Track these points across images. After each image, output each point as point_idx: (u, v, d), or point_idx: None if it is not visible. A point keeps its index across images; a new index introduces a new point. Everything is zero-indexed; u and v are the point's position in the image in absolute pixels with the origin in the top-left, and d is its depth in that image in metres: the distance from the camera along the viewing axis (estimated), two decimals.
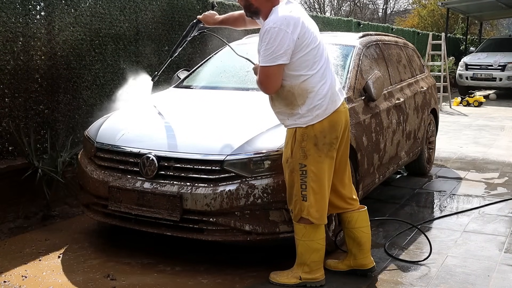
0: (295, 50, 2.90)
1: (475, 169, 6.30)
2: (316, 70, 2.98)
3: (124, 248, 3.73)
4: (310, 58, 2.96)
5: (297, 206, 3.08)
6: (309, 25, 2.99)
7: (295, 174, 3.04)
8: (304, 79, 2.96)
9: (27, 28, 4.70)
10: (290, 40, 2.87)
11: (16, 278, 3.29)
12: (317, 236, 3.12)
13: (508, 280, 3.30)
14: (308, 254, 3.13)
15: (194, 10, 6.97)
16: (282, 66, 2.91)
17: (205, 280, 3.26)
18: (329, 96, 3.01)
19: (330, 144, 3.03)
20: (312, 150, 3.00)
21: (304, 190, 3.03)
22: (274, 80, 2.94)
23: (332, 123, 3.03)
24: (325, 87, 3.00)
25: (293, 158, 3.04)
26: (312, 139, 3.00)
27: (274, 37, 2.86)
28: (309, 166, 3.01)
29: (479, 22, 22.24)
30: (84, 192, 3.82)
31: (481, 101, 12.87)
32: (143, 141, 3.57)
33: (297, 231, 3.14)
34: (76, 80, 5.27)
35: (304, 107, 2.99)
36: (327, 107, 3.01)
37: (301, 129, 3.01)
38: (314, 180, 3.02)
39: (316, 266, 3.16)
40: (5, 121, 4.58)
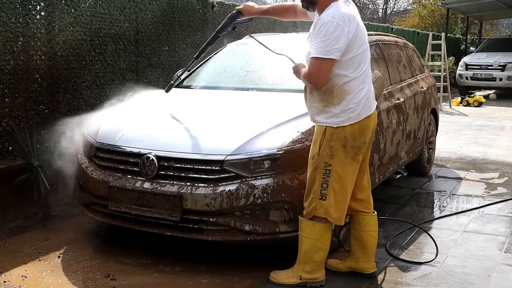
0: (347, 50, 2.91)
1: (475, 169, 6.30)
2: (359, 74, 2.99)
3: (124, 248, 3.73)
4: (356, 61, 2.97)
5: (313, 204, 3.06)
6: (361, 29, 3.00)
7: (318, 172, 3.04)
8: (347, 81, 2.96)
9: (27, 28, 4.70)
10: (345, 38, 2.87)
11: (16, 278, 3.29)
12: (324, 236, 3.11)
13: (508, 280, 3.30)
14: (312, 253, 3.11)
15: (194, 10, 6.98)
16: (333, 62, 2.90)
17: (205, 280, 3.26)
18: (364, 101, 3.02)
19: (359, 148, 3.04)
20: (340, 151, 3.00)
21: (325, 189, 3.03)
22: (325, 74, 2.92)
23: (363, 127, 3.04)
24: (362, 92, 3.01)
25: (319, 155, 3.04)
26: (342, 140, 2.99)
27: (331, 31, 2.85)
28: (334, 166, 3.01)
29: (479, 22, 22.25)
30: (84, 192, 3.82)
31: (481, 101, 12.87)
32: (143, 141, 3.57)
33: (304, 228, 3.11)
34: (76, 80, 5.27)
35: (339, 107, 2.98)
36: (361, 111, 3.01)
37: (331, 128, 3.00)
38: (337, 181, 3.02)
39: (317, 266, 3.15)
40: (5, 121, 4.58)
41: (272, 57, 4.70)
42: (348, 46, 2.90)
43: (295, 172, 3.28)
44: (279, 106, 3.90)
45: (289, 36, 5.38)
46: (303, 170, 3.30)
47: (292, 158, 3.29)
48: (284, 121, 3.55)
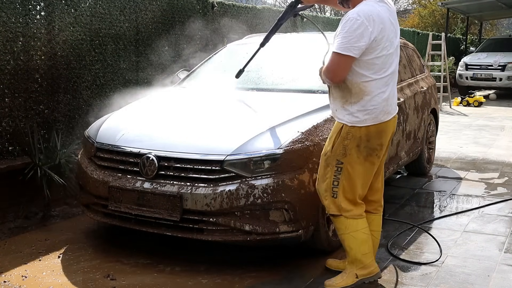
0: (369, 50, 2.86)
1: (475, 169, 6.30)
2: (380, 77, 2.94)
3: (124, 248, 3.73)
4: (379, 63, 2.92)
5: (326, 202, 3.09)
6: (389, 32, 2.94)
7: (330, 169, 3.04)
8: (366, 81, 2.92)
9: (27, 28, 4.70)
10: (367, 37, 2.82)
11: (16, 278, 3.29)
12: (361, 225, 3.08)
13: (508, 280, 3.29)
14: (357, 247, 3.08)
15: (194, 10, 6.98)
16: (351, 59, 2.85)
17: (204, 280, 3.26)
18: (383, 106, 2.97)
19: (373, 149, 3.00)
20: (353, 150, 2.98)
21: (336, 187, 3.03)
22: (342, 70, 2.88)
23: (380, 129, 2.99)
24: (382, 96, 2.96)
25: (332, 153, 3.03)
26: (356, 140, 2.97)
27: (354, 28, 2.81)
28: (345, 165, 3.00)
29: (479, 22, 22.24)
30: (84, 192, 3.82)
31: (481, 101, 12.87)
32: (143, 141, 3.57)
33: (339, 226, 3.10)
34: (76, 80, 5.27)
35: (355, 107, 2.95)
36: (378, 115, 2.96)
37: (347, 127, 2.98)
38: (347, 179, 3.01)
39: (368, 259, 3.12)
40: (5, 121, 4.58)
41: (272, 57, 4.73)
42: (370, 46, 2.85)
43: (295, 172, 3.28)
44: (279, 106, 3.90)
45: (290, 36, 5.39)
46: (303, 170, 3.30)
47: (292, 158, 3.29)
48: (284, 121, 3.55)
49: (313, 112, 3.73)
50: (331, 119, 3.72)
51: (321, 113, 3.73)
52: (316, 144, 3.41)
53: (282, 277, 3.32)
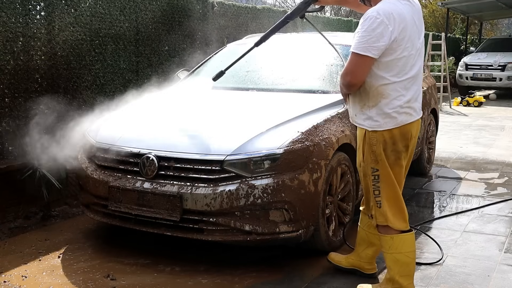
0: (388, 51, 2.71)
1: (475, 169, 6.30)
2: (400, 79, 2.78)
3: (124, 248, 3.73)
4: (399, 64, 2.75)
5: (373, 213, 2.95)
6: (411, 32, 2.77)
7: (368, 179, 2.91)
8: (384, 83, 2.77)
9: (27, 28, 4.70)
10: (387, 37, 2.66)
11: (16, 278, 3.29)
12: (405, 248, 2.90)
13: (508, 280, 3.30)
14: (396, 268, 2.92)
15: (194, 10, 6.97)
16: (370, 60, 2.70)
17: (204, 280, 3.26)
18: (405, 109, 2.81)
19: (400, 152, 2.86)
20: (382, 155, 2.84)
21: (378, 196, 2.89)
22: (361, 71, 2.73)
23: (404, 131, 2.85)
24: (402, 99, 2.80)
25: (364, 162, 2.90)
26: (382, 144, 2.83)
27: (374, 27, 2.65)
28: (381, 171, 2.85)
29: (479, 22, 22.24)
30: (84, 192, 3.82)
31: (481, 101, 12.86)
32: (143, 141, 3.57)
33: (384, 244, 2.95)
34: (76, 80, 5.27)
35: (374, 111, 2.81)
36: (398, 118, 2.81)
37: (369, 132, 2.85)
38: (387, 185, 2.87)
39: (406, 281, 2.93)
40: (5, 121, 4.58)
41: (272, 57, 4.73)
42: (390, 46, 2.69)
43: (295, 172, 3.28)
44: (279, 106, 3.90)
45: (290, 36, 5.38)
46: (303, 170, 3.30)
47: (292, 158, 3.29)
48: (284, 121, 3.55)
49: (313, 112, 3.73)
50: (331, 119, 3.72)
51: (321, 113, 3.73)
52: (316, 144, 3.41)
53: (282, 277, 3.32)
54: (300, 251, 3.62)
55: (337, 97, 4.02)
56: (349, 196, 3.87)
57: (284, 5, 24.16)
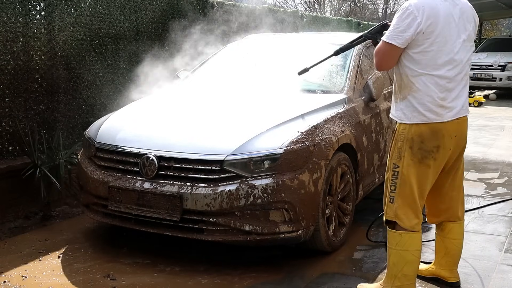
0: (415, 42, 2.74)
1: (475, 169, 6.29)
2: (429, 73, 2.76)
3: (124, 248, 3.73)
4: (427, 58, 2.75)
5: (385, 208, 2.96)
6: (446, 29, 2.76)
7: (389, 174, 2.93)
8: (413, 75, 2.78)
9: (27, 28, 4.70)
10: (414, 28, 2.70)
11: (16, 278, 3.29)
12: (413, 246, 2.90)
13: (508, 280, 3.29)
14: (400, 265, 2.90)
15: (194, 10, 6.98)
16: (395, 49, 2.75)
17: (204, 280, 3.26)
18: (433, 107, 2.78)
19: (428, 151, 2.81)
20: (407, 153, 2.82)
21: (393, 192, 2.89)
22: (386, 59, 2.81)
23: (434, 130, 2.80)
24: (432, 95, 2.77)
25: (390, 157, 2.93)
26: (409, 141, 2.82)
27: (403, 18, 2.73)
28: (401, 168, 2.85)
29: (479, 22, 22.22)
30: (84, 192, 3.82)
31: (481, 101, 12.87)
32: (143, 141, 3.57)
33: (391, 239, 2.94)
34: (76, 80, 5.27)
35: (403, 103, 2.84)
36: (426, 114, 2.79)
37: (400, 128, 2.87)
38: (404, 183, 2.85)
39: (408, 280, 2.92)
40: (5, 121, 4.58)
41: (272, 57, 4.73)
42: (416, 38, 2.72)
43: (295, 172, 3.28)
44: (279, 106, 3.90)
45: (290, 36, 5.39)
46: (303, 170, 3.30)
47: (292, 158, 3.29)
48: (284, 121, 3.55)
49: (313, 112, 3.73)
50: (331, 119, 3.72)
51: (321, 113, 3.73)
52: (316, 144, 3.41)
53: (282, 277, 3.32)
54: (300, 251, 3.62)
55: (337, 97, 4.03)
56: (349, 196, 3.87)
57: (284, 5, 24.16)
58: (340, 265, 3.49)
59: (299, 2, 27.18)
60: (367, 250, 3.72)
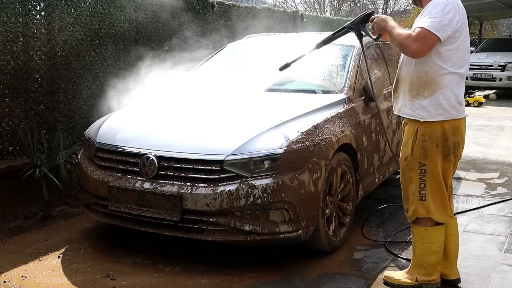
0: (450, 40, 2.81)
1: (475, 169, 6.29)
2: (456, 71, 2.88)
3: (124, 248, 3.73)
4: (456, 56, 2.87)
5: (413, 206, 3.05)
6: (467, 26, 2.93)
7: (414, 173, 3.01)
8: (443, 73, 2.86)
9: (27, 28, 4.70)
10: (454, 24, 2.79)
11: (16, 278, 3.29)
12: (437, 239, 3.06)
13: (508, 280, 3.29)
14: (426, 257, 3.08)
15: (194, 10, 6.98)
16: (437, 40, 2.77)
17: (204, 280, 3.26)
18: (456, 104, 2.91)
19: (450, 148, 2.96)
20: (433, 151, 2.94)
21: (423, 190, 3.00)
22: (427, 47, 2.79)
23: (455, 127, 2.95)
24: (456, 92, 2.90)
25: (413, 156, 2.99)
26: (434, 140, 2.93)
27: (446, 12, 2.77)
28: (428, 166, 2.96)
29: (479, 22, 22.23)
30: (84, 192, 3.82)
31: (481, 101, 12.86)
32: (143, 141, 3.57)
33: (416, 233, 3.09)
34: (76, 80, 5.27)
35: (428, 100, 2.90)
36: (450, 111, 2.90)
37: (422, 128, 2.93)
38: (434, 180, 2.98)
39: (432, 268, 3.11)
40: (5, 121, 4.58)
41: (272, 57, 4.72)
42: (453, 35, 2.80)
43: (295, 172, 3.28)
44: (279, 106, 3.90)
45: (290, 36, 5.38)
46: (303, 170, 3.30)
47: (292, 158, 3.29)
48: (284, 121, 3.55)
49: (313, 112, 3.73)
50: (331, 119, 3.72)
51: (321, 113, 3.73)
52: (316, 144, 3.41)
53: (282, 277, 3.31)
54: (300, 251, 3.62)
55: (337, 97, 4.02)
56: (349, 196, 3.86)
57: (284, 5, 24.16)
58: (340, 265, 3.49)
59: (299, 2, 27.18)
60: (367, 250, 3.72)
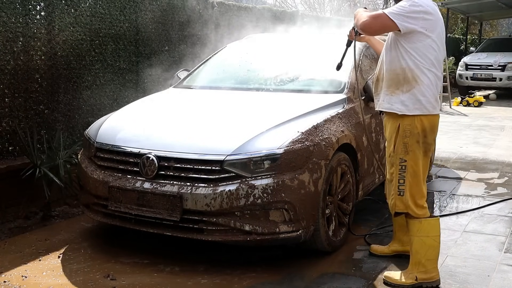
0: (419, 35, 2.96)
1: (475, 169, 6.29)
2: (433, 70, 3.03)
3: (124, 248, 3.73)
4: (434, 56, 3.02)
5: (393, 201, 3.17)
6: (441, 32, 3.07)
7: (395, 168, 3.13)
8: (421, 70, 3.01)
9: (27, 28, 4.70)
10: (420, 19, 2.94)
11: (16, 278, 3.29)
12: (433, 232, 3.14)
13: (508, 280, 3.29)
14: (423, 251, 3.13)
15: (194, 10, 6.97)
16: (393, 26, 2.94)
17: (204, 280, 3.26)
18: (432, 101, 3.05)
19: (429, 144, 3.11)
20: (414, 146, 3.06)
21: (402, 185, 3.11)
22: (376, 25, 2.99)
23: (432, 124, 3.10)
24: (432, 89, 3.04)
25: (394, 152, 3.12)
26: (415, 136, 3.06)
27: (412, 7, 2.93)
28: (409, 161, 3.09)
29: (479, 22, 22.22)
30: (84, 192, 3.82)
31: (481, 101, 12.86)
32: (143, 141, 3.57)
33: (412, 227, 3.17)
34: (76, 80, 5.27)
35: (406, 95, 3.04)
36: (427, 106, 3.04)
37: (404, 124, 3.06)
38: (412, 176, 3.10)
39: (431, 265, 3.16)
40: (5, 121, 4.58)
41: (272, 57, 4.73)
42: (420, 30, 2.94)
43: (295, 172, 3.28)
44: (279, 106, 3.90)
45: (290, 37, 5.38)
46: (303, 170, 3.30)
47: (292, 158, 3.29)
48: (284, 121, 3.55)
49: (313, 112, 3.73)
50: (331, 119, 3.72)
51: (321, 113, 3.73)
52: (316, 144, 3.41)
53: (282, 277, 3.32)
54: (300, 251, 3.62)
55: (337, 97, 4.03)
56: (349, 196, 3.86)
57: (284, 5, 24.16)
58: (340, 265, 3.49)
59: (299, 2, 27.15)
60: (367, 250, 3.72)
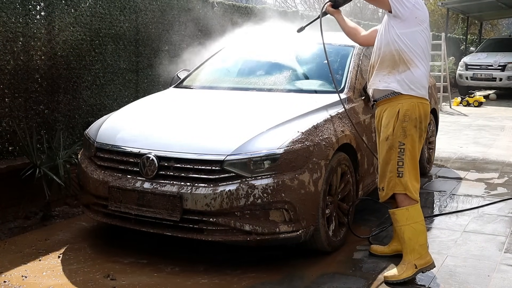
0: (411, 22, 3.16)
1: (475, 169, 6.29)
2: (424, 61, 3.24)
3: (124, 248, 3.73)
4: (424, 45, 3.23)
5: (391, 183, 3.27)
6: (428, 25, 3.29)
7: (394, 151, 3.26)
8: (414, 55, 3.20)
9: (27, 28, 4.70)
10: (416, 10, 3.16)
11: (16, 278, 3.29)
12: (420, 217, 3.28)
13: (508, 280, 3.30)
14: (415, 238, 3.24)
15: (194, 10, 6.97)
16: (387, 5, 3.16)
17: (203, 280, 3.26)
18: (423, 86, 3.26)
19: (422, 130, 3.32)
20: (412, 131, 3.24)
21: (401, 167, 3.25)
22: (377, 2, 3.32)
23: (426, 112, 3.30)
24: (424, 77, 3.25)
25: (393, 135, 3.25)
26: (413, 121, 3.24)
27: None
28: (407, 145, 3.24)
29: (479, 22, 22.22)
30: (84, 192, 3.82)
31: (481, 101, 12.86)
32: (143, 141, 3.57)
33: (400, 217, 3.27)
34: (76, 80, 5.27)
35: (402, 75, 3.22)
36: (421, 90, 3.24)
37: (404, 110, 3.22)
38: (410, 158, 3.25)
39: (424, 249, 3.27)
40: (5, 121, 4.58)
41: (272, 57, 4.73)
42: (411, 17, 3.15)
43: (295, 172, 3.28)
44: (279, 106, 3.90)
45: (290, 37, 5.37)
46: (303, 170, 3.30)
47: (292, 158, 3.29)
48: (284, 121, 3.55)
49: (313, 112, 3.73)
50: (331, 119, 3.72)
51: (321, 113, 3.74)
52: (316, 144, 3.41)
53: (282, 277, 3.32)
54: (300, 251, 3.62)
55: (337, 97, 4.02)
56: (349, 196, 3.87)
57: (284, 5, 24.14)
58: (340, 265, 3.49)
59: (299, 2, 27.14)
60: (367, 250, 3.72)
